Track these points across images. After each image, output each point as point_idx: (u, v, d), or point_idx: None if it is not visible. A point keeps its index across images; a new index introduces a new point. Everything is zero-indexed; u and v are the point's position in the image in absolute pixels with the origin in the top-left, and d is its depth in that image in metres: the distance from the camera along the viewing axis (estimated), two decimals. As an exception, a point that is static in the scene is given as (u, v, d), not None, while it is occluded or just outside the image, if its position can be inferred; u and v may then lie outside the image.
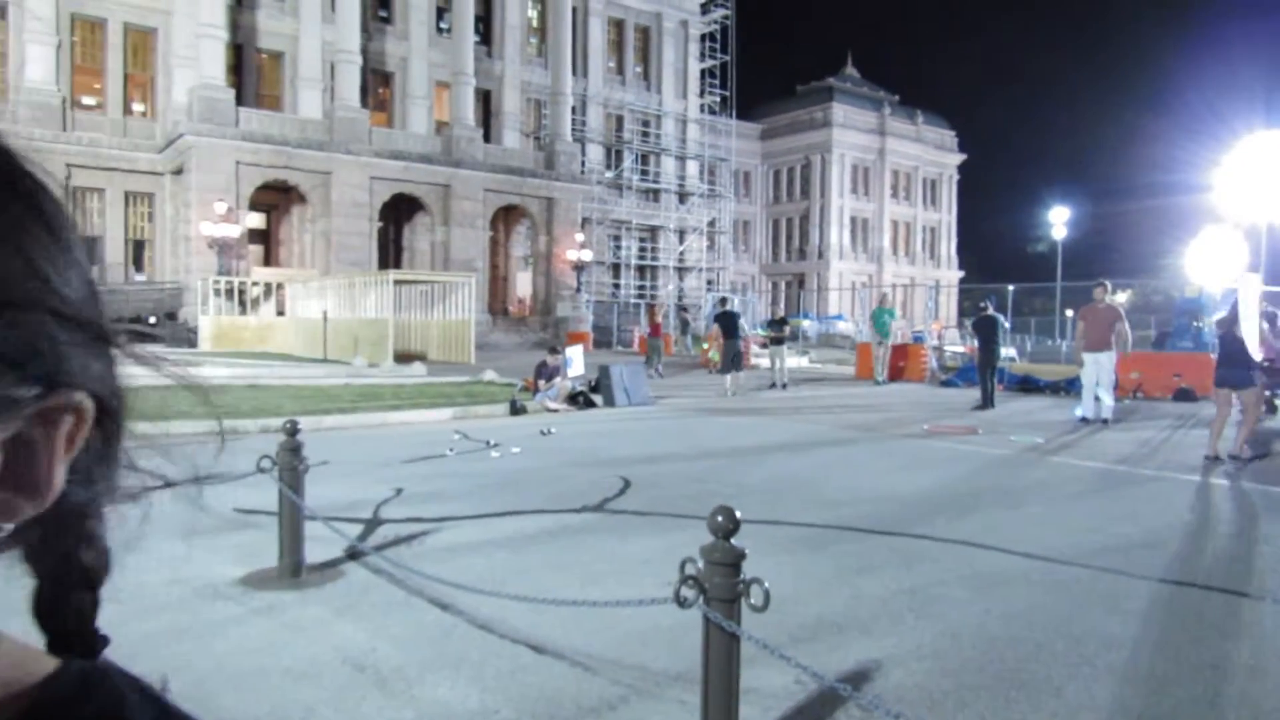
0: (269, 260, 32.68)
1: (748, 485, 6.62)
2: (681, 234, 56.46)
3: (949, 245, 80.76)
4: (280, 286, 27.36)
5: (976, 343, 13.75)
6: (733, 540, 2.13)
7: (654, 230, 55.64)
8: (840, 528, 5.30)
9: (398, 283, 25.54)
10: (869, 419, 11.39)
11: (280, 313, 26.57)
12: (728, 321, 15.18)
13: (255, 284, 27.08)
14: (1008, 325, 13.36)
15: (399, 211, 38.39)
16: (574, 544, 4.82)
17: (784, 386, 16.08)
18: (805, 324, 42.29)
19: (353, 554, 4.50)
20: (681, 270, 56.58)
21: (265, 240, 33.03)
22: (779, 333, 16.78)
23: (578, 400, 12.59)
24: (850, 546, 4.86)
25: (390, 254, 38.46)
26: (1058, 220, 35.73)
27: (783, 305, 63.28)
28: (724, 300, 17.06)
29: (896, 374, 18.91)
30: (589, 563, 4.44)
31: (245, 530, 5.00)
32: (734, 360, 14.65)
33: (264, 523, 5.08)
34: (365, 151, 33.18)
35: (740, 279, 72.22)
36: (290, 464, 4.06)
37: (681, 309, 29.36)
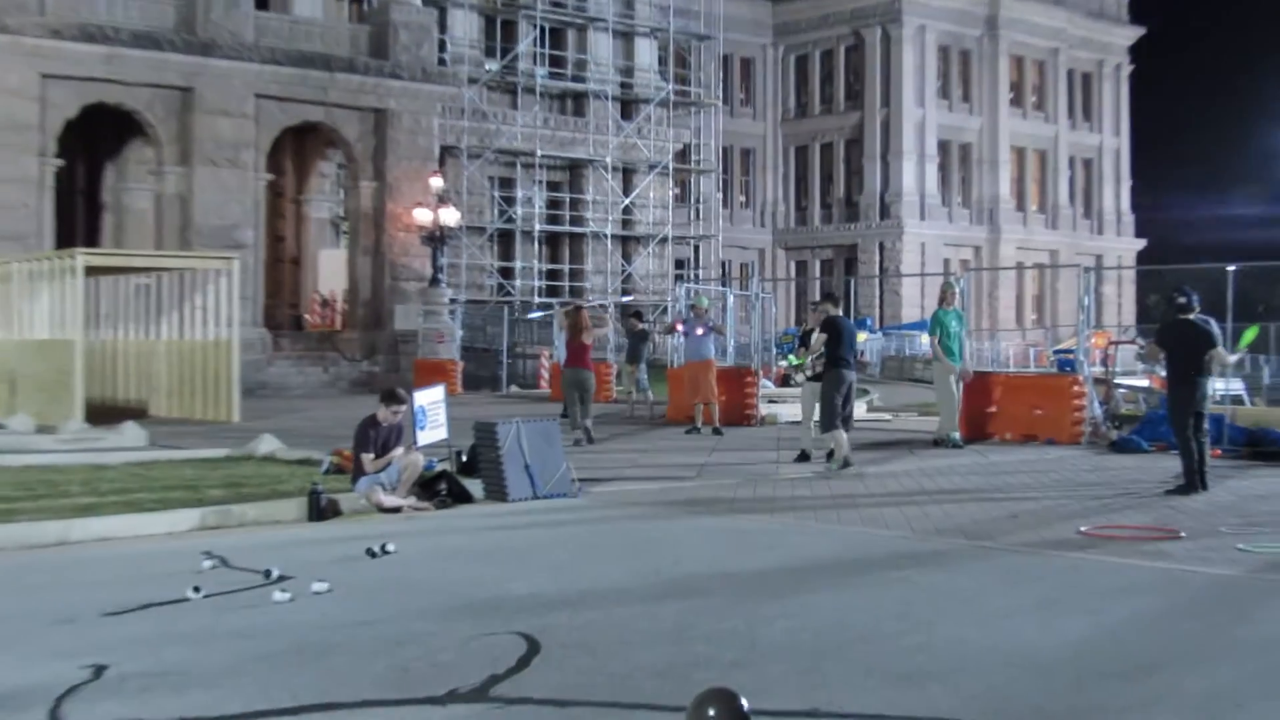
0: None
1: (761, 644, 6.71)
2: (627, 175, 57.12)
3: (1117, 194, 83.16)
4: None
5: (1166, 368, 14.08)
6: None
7: (576, 169, 56.04)
8: (929, 720, 5.39)
9: (92, 272, 25.23)
10: (976, 515, 11.63)
11: None
12: (837, 332, 16.09)
13: None
14: (1219, 336, 13.67)
15: (97, 140, 38.11)
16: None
17: (827, 459, 16.33)
18: (861, 338, 42.90)
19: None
20: (629, 242, 57.09)
21: None
22: (810, 364, 17.05)
23: (436, 491, 12.61)
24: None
25: (79, 219, 38.09)
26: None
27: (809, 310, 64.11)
28: (829, 294, 17.53)
29: (1024, 427, 19.33)
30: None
31: None
32: (837, 402, 15.84)
33: None
34: (32, 27, 33.09)
35: (738, 256, 73.06)
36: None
37: (633, 314, 29.54)
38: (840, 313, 16.85)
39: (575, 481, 13.24)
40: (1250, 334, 15.79)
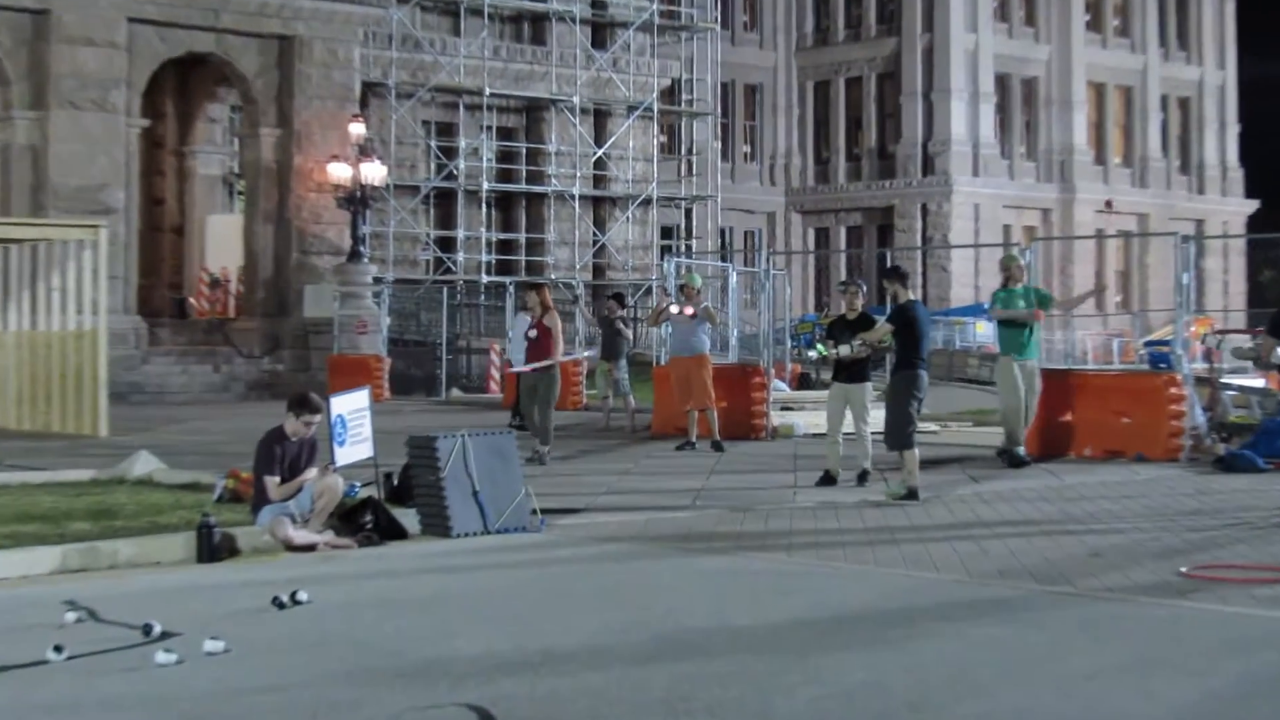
0: None
1: (779, 718, 6.71)
2: (600, 119, 56.84)
3: (1221, 142, 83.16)
4: None
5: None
6: None
7: (536, 112, 55.70)
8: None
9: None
10: (1048, 552, 11.67)
11: None
12: (912, 323, 16.13)
13: None
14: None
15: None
16: None
17: (862, 478, 16.42)
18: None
19: None
20: (603, 205, 56.88)
21: None
22: (855, 349, 16.98)
23: (360, 524, 12.59)
24: None
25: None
26: None
27: (833, 292, 63.89)
28: (895, 269, 17.39)
29: (1107, 441, 19.38)
30: None
31: None
32: (914, 410, 15.98)
33: None
34: None
35: (742, 222, 72.76)
36: None
37: (610, 298, 29.42)
38: (913, 296, 16.88)
39: (537, 512, 13.22)
40: None
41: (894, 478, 15.68)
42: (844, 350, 16.77)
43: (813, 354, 27.11)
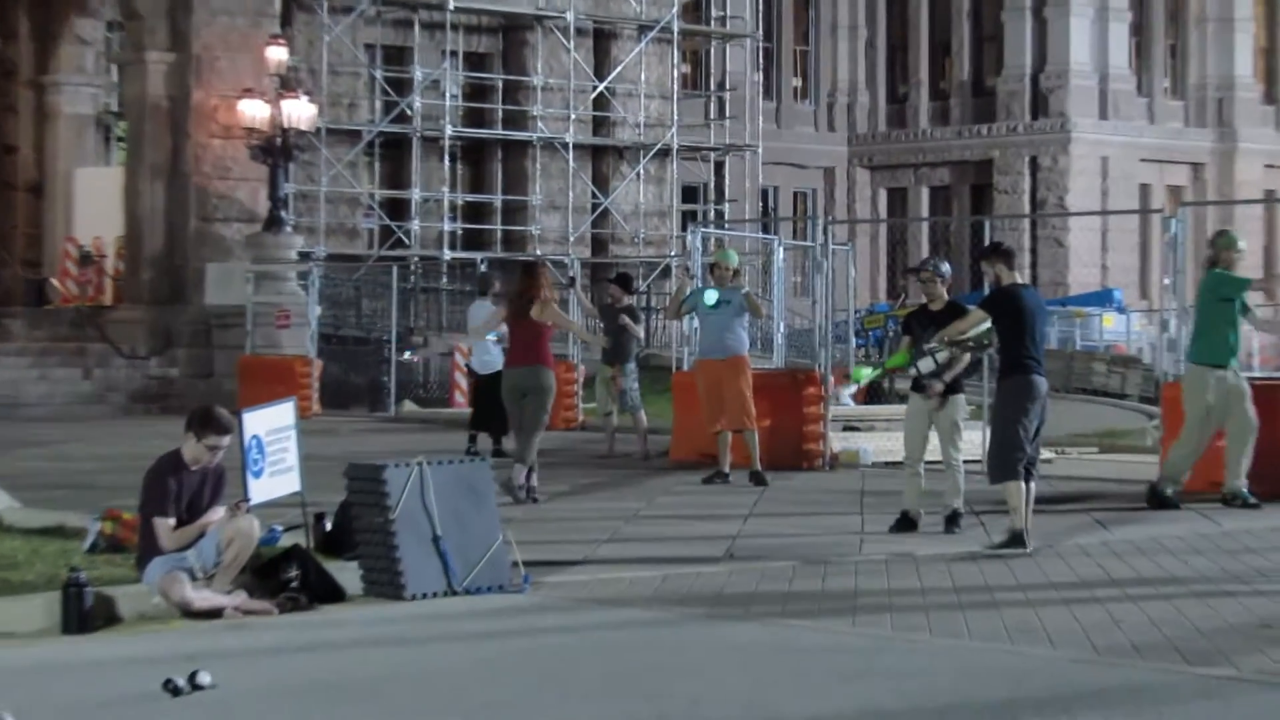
0: None
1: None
2: (601, 43, 56.48)
3: None
4: None
5: None
6: None
7: (515, 33, 55.41)
8: None
9: None
10: (1201, 621, 11.66)
11: None
12: (1017, 312, 16.03)
13: None
14: None
15: None
16: None
17: (952, 521, 16.41)
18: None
19: None
20: (606, 157, 56.56)
21: None
22: (939, 359, 16.99)
23: (283, 581, 12.58)
24: None
25: None
26: None
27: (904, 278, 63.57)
28: (996, 246, 17.39)
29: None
30: None
31: None
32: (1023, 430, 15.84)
33: None
34: None
35: (791, 180, 72.35)
36: None
37: (614, 281, 29.21)
38: (1020, 279, 16.79)
39: (519, 566, 13.22)
40: None
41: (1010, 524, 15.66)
42: (925, 365, 16.75)
43: (856, 382, 26.71)
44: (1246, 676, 9.88)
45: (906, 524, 16.73)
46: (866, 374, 19.14)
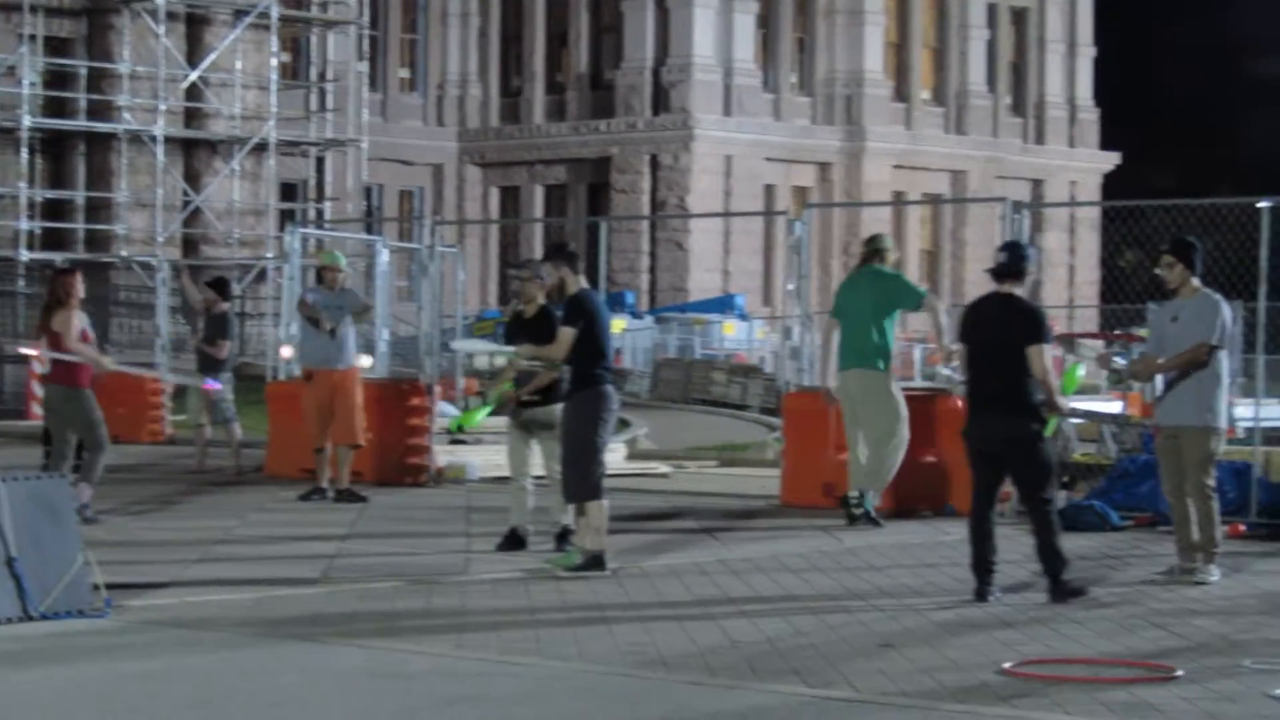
0: None
1: None
2: (194, 27, 55.53)
3: (1069, 72, 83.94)
4: None
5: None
6: None
7: (99, 17, 54.14)
8: None
9: None
10: (819, 636, 11.89)
11: None
12: (590, 319, 15.89)
13: None
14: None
15: None
16: None
17: (562, 538, 16.56)
18: (617, 328, 43.30)
19: None
20: (198, 151, 55.79)
21: None
22: (532, 365, 17.11)
23: None
24: None
25: None
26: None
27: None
28: (561, 247, 17.08)
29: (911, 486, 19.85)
30: None
31: None
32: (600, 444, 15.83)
33: None
34: None
35: (398, 178, 71.92)
36: None
37: (210, 284, 28.87)
38: (587, 284, 16.75)
39: (100, 589, 13.05)
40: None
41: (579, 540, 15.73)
42: (505, 398, 17.12)
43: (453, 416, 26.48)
44: (865, 698, 10.09)
45: (515, 542, 16.82)
46: (480, 417, 18.99)
